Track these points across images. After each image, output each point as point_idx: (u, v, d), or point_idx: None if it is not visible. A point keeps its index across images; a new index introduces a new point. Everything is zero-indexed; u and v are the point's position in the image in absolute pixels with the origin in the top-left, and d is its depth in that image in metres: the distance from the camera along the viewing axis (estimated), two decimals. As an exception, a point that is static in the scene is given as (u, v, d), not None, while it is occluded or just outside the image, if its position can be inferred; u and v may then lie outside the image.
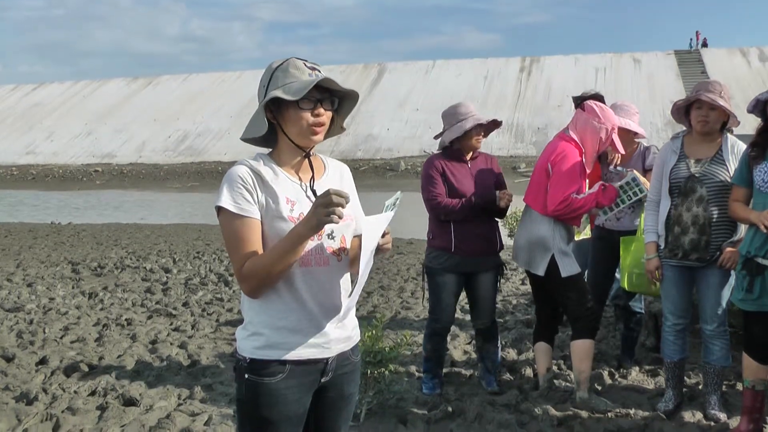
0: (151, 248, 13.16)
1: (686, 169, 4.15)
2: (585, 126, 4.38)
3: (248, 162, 2.27)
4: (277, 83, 2.23)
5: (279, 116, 2.26)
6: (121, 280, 9.62)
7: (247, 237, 2.19)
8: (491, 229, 4.67)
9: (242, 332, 2.31)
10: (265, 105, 2.23)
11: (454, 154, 4.69)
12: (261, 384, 2.23)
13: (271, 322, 2.24)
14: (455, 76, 55.81)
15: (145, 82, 66.04)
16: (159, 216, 21.80)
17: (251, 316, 2.28)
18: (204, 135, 53.47)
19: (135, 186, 39.70)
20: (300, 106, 2.21)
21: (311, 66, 2.26)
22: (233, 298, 8.27)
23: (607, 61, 54.68)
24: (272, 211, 2.21)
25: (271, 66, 2.29)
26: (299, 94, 2.17)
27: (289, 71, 2.24)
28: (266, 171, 2.25)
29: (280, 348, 2.24)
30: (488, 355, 4.86)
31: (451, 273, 4.67)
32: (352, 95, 2.35)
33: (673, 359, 4.37)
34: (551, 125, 46.68)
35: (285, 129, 2.27)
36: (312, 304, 2.23)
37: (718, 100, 4.04)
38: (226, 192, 2.21)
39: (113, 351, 5.93)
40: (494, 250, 4.70)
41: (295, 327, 2.24)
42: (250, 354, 2.25)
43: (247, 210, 2.19)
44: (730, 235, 4.10)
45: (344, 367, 2.38)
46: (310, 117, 2.23)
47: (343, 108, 2.38)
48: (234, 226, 2.19)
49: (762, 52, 51.97)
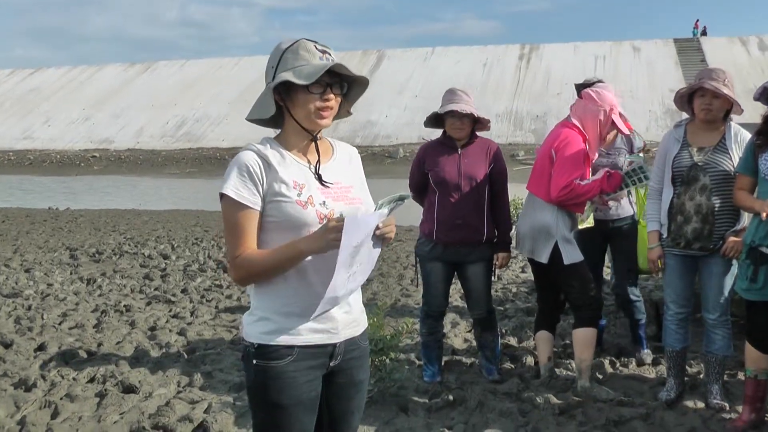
0: (150, 234, 13.11)
1: (689, 157, 4.11)
2: (584, 111, 4.41)
3: (255, 147, 2.25)
4: (287, 65, 2.19)
5: (287, 99, 2.23)
6: (119, 267, 9.59)
7: (246, 227, 2.19)
8: (476, 218, 4.54)
9: (249, 317, 2.30)
10: (274, 87, 2.19)
11: (445, 141, 4.66)
12: (269, 368, 2.22)
13: (279, 307, 2.23)
14: (454, 63, 55.56)
15: (143, 67, 65.70)
16: (157, 202, 21.75)
17: (258, 301, 2.27)
18: (202, 121, 53.27)
19: (133, 172, 39.60)
20: (310, 90, 2.18)
21: (322, 49, 2.23)
22: (232, 285, 8.24)
23: (607, 49, 54.44)
24: (279, 195, 2.19)
25: (280, 47, 2.25)
26: (310, 79, 2.14)
27: (299, 53, 2.20)
28: (273, 155, 2.23)
29: (287, 333, 2.22)
30: (487, 344, 4.83)
31: (437, 261, 4.64)
32: (362, 81, 2.32)
33: (675, 348, 4.35)
34: (550, 113, 46.54)
35: (293, 112, 2.24)
36: (320, 289, 2.20)
37: (722, 88, 4.00)
38: (232, 179, 2.19)
39: (112, 338, 5.91)
40: (479, 239, 4.57)
41: (303, 312, 2.22)
42: (257, 339, 2.24)
43: (249, 200, 2.18)
44: (733, 224, 4.08)
45: (352, 352, 2.37)
46: (318, 101, 2.20)
47: (352, 93, 2.35)
48: (235, 214, 2.19)
49: (761, 41, 51.76)
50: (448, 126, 4.59)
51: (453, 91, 4.62)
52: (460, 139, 4.59)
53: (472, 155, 4.58)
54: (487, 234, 4.58)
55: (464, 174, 4.52)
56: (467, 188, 4.51)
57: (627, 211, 4.98)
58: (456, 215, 4.50)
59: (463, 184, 4.51)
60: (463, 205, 4.51)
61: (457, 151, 4.59)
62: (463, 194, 4.51)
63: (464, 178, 4.51)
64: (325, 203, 2.23)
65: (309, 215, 2.19)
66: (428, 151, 4.70)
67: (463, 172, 4.52)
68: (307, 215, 2.19)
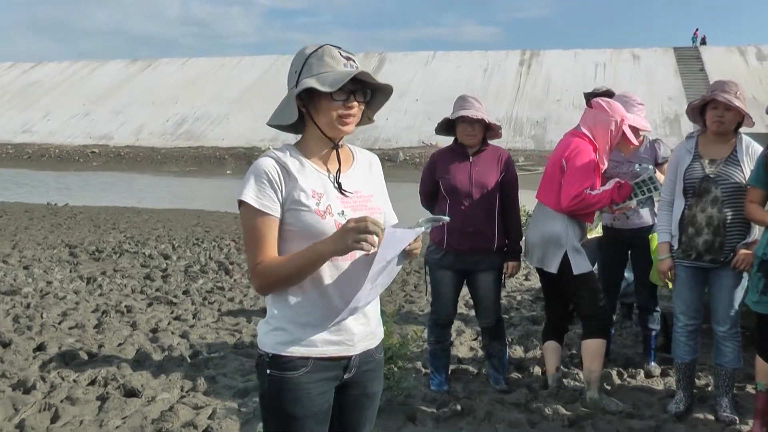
0: (150, 233, 13.04)
1: (701, 169, 4.08)
2: (594, 121, 4.38)
3: (275, 154, 2.21)
4: (311, 71, 2.16)
5: (310, 105, 2.19)
6: (119, 266, 9.51)
7: (266, 234, 2.15)
8: (488, 227, 4.50)
9: (264, 326, 2.27)
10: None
11: (456, 148, 4.62)
12: (284, 379, 2.19)
13: (295, 317, 2.20)
14: (455, 68, 55.58)
15: (144, 64, 65.64)
16: (156, 200, 21.66)
17: (274, 311, 2.23)
18: (202, 119, 53.22)
19: (132, 169, 39.51)
20: (333, 98, 2.14)
21: (346, 56, 2.19)
22: (234, 287, 8.19)
23: (607, 57, 54.52)
24: (298, 203, 2.15)
25: (304, 52, 2.21)
26: (335, 86, 2.10)
27: (324, 60, 2.16)
28: (293, 163, 2.19)
29: (303, 344, 2.19)
30: (495, 354, 4.79)
31: (447, 269, 4.60)
32: (386, 89, 2.29)
33: (684, 360, 4.32)
34: (550, 119, 46.61)
35: (315, 118, 2.20)
36: (338, 300, 2.17)
37: (734, 100, 3.99)
38: (250, 186, 2.16)
39: (113, 339, 5.84)
40: (490, 248, 4.53)
41: (320, 323, 2.19)
42: (273, 349, 2.21)
43: (269, 207, 2.14)
44: (744, 237, 4.05)
45: (368, 364, 2.34)
46: (341, 108, 2.16)
47: (375, 101, 2.31)
48: (254, 221, 2.15)
49: (760, 50, 51.87)
50: (460, 132, 4.55)
51: (464, 98, 4.59)
52: (471, 146, 4.55)
53: (483, 163, 4.54)
54: (497, 242, 4.54)
55: (475, 182, 4.48)
56: (478, 196, 4.47)
57: (647, 220, 4.93)
58: (467, 223, 4.45)
59: (475, 192, 4.47)
60: (474, 213, 4.46)
61: (469, 158, 4.55)
62: (474, 202, 4.47)
63: (475, 186, 4.47)
64: (343, 213, 2.19)
65: (327, 225, 2.15)
66: (439, 159, 4.66)
67: (475, 180, 4.48)
68: (326, 225, 2.15)
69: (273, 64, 60.52)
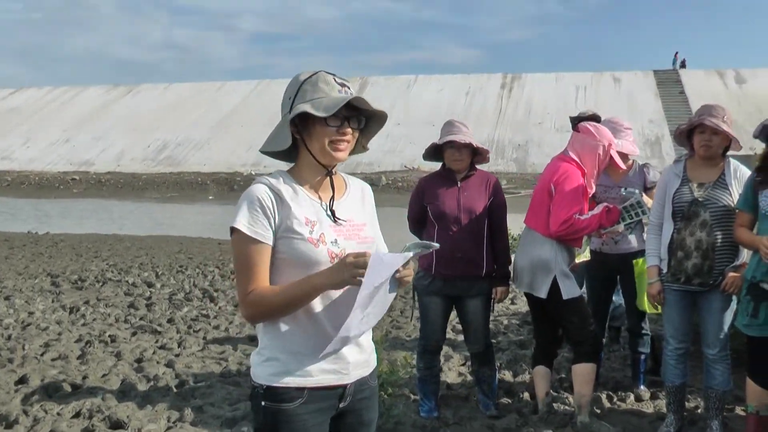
0: (133, 261, 12.92)
1: (689, 193, 4.11)
2: (582, 146, 4.39)
3: (268, 180, 2.19)
4: (305, 97, 2.16)
5: (303, 131, 2.18)
6: (102, 294, 9.40)
7: (258, 262, 2.13)
8: (476, 252, 4.50)
9: (257, 357, 2.24)
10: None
11: (444, 173, 4.62)
12: (280, 411, 2.16)
13: (288, 347, 2.17)
14: (437, 92, 55.96)
15: (125, 89, 65.54)
16: (138, 227, 21.50)
17: (267, 341, 2.21)
18: (184, 145, 53.12)
19: (113, 195, 39.27)
20: (327, 123, 2.13)
21: (341, 82, 2.19)
22: (219, 315, 8.12)
23: (588, 80, 55.13)
24: (291, 231, 2.13)
25: (298, 78, 2.21)
26: (329, 111, 2.10)
27: (318, 85, 2.16)
28: (286, 189, 2.18)
29: (297, 374, 2.17)
30: (485, 379, 4.77)
31: (436, 295, 4.59)
32: (381, 116, 2.28)
33: (674, 383, 4.32)
34: (532, 142, 46.97)
35: (308, 144, 2.19)
36: (330, 329, 2.15)
37: (721, 124, 4.02)
38: (243, 213, 2.14)
39: (97, 370, 5.75)
40: (479, 273, 4.53)
41: (313, 352, 2.17)
42: (267, 381, 2.18)
43: (262, 235, 2.12)
44: (732, 260, 4.07)
45: (362, 392, 2.32)
46: (335, 135, 2.15)
47: (370, 128, 2.31)
48: (246, 249, 2.13)
49: (739, 74, 52.68)
50: (448, 158, 4.55)
51: (451, 123, 4.61)
52: (459, 171, 4.56)
53: (471, 188, 4.55)
54: (486, 268, 4.53)
55: (464, 207, 4.48)
56: (467, 221, 4.47)
57: (636, 245, 4.93)
58: (456, 249, 4.44)
59: (463, 217, 4.47)
60: (462, 239, 4.46)
61: (457, 184, 4.55)
62: (462, 228, 4.47)
63: (464, 212, 4.47)
64: (336, 242, 2.18)
65: (321, 254, 2.14)
66: (427, 184, 4.66)
67: (463, 205, 4.48)
68: (319, 254, 2.14)
69: (255, 89, 60.69)
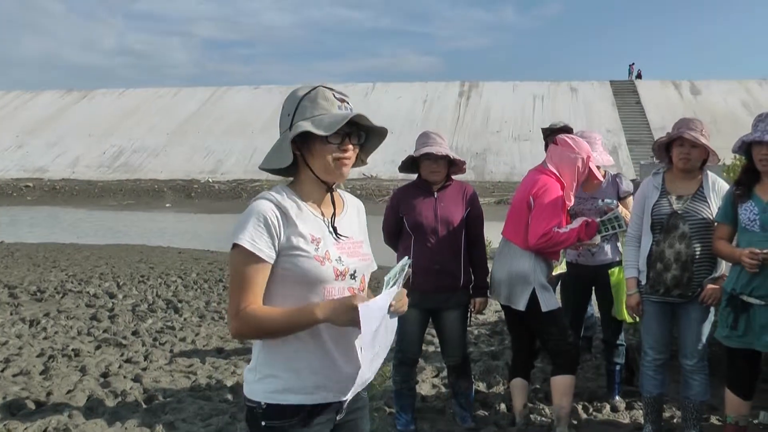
0: (93, 271, 12.60)
1: (668, 205, 4.14)
2: (561, 159, 4.38)
3: (273, 196, 2.14)
4: (305, 114, 2.11)
5: (304, 148, 2.14)
6: (63, 306, 9.13)
7: (256, 280, 2.09)
8: (454, 264, 4.47)
9: (252, 374, 2.19)
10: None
11: (420, 184, 4.58)
12: (282, 429, 2.12)
13: (289, 364, 2.13)
14: (395, 99, 55.93)
15: (80, 95, 64.25)
16: (96, 236, 21.02)
17: (264, 358, 2.16)
18: (140, 152, 52.27)
19: (68, 203, 38.44)
20: (328, 141, 2.09)
21: (340, 97, 2.15)
22: (185, 327, 7.95)
23: (545, 89, 55.66)
24: (297, 249, 2.09)
25: (297, 94, 2.16)
26: (331, 130, 2.06)
27: (317, 102, 2.12)
28: (291, 206, 2.13)
29: (298, 392, 2.13)
30: (462, 392, 4.73)
31: (413, 308, 4.53)
32: (381, 131, 2.24)
33: (652, 394, 4.34)
34: (489, 150, 47.28)
35: (309, 162, 2.15)
36: (331, 344, 2.13)
37: (700, 138, 4.06)
38: (248, 229, 2.08)
39: (62, 385, 5.57)
40: (457, 285, 4.49)
41: (315, 368, 2.13)
42: (265, 399, 2.13)
43: (264, 253, 2.07)
44: (711, 272, 4.11)
45: (356, 403, 2.31)
46: (336, 151, 2.11)
47: (370, 143, 2.26)
48: (246, 266, 2.08)
49: (693, 85, 53.75)
50: (424, 169, 4.51)
51: (427, 135, 4.57)
52: (435, 183, 4.52)
53: (448, 199, 4.51)
54: (464, 279, 4.50)
55: (441, 218, 4.44)
56: (444, 233, 4.43)
57: (611, 256, 4.97)
58: (434, 261, 4.40)
59: (440, 228, 4.43)
60: (440, 250, 4.42)
61: (434, 195, 4.50)
62: (440, 239, 4.43)
63: (441, 223, 4.43)
64: (341, 259, 2.15)
65: (326, 271, 2.11)
66: (403, 195, 4.60)
67: (440, 216, 4.44)
68: (325, 271, 2.11)
69: (212, 96, 60.07)
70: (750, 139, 3.80)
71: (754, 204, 3.78)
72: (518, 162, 45.06)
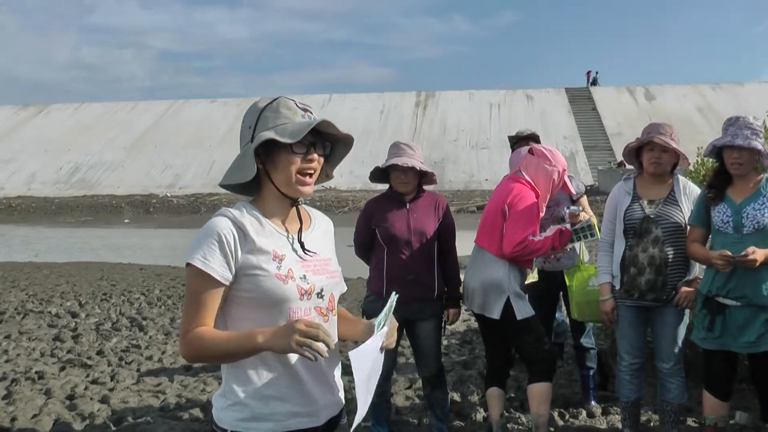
0: (54, 290, 12.26)
1: (640, 210, 4.17)
2: (537, 169, 4.37)
3: (231, 214, 2.05)
4: (267, 124, 2.04)
5: (267, 161, 2.06)
6: (25, 327, 8.85)
7: (207, 302, 1.99)
8: (428, 274, 4.45)
9: (221, 400, 2.10)
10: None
11: (392, 195, 4.55)
12: None
13: (257, 390, 2.03)
14: (352, 110, 55.88)
15: (36, 110, 63.01)
16: (55, 253, 20.54)
17: (233, 383, 2.06)
18: (97, 167, 51.43)
19: (25, 220, 37.55)
20: (293, 150, 2.02)
21: (303, 107, 2.08)
22: (151, 345, 7.78)
23: (501, 97, 56.15)
24: (256, 268, 2.01)
25: (257, 105, 2.09)
26: (296, 137, 1.99)
27: (280, 111, 2.05)
28: (251, 223, 2.05)
29: (267, 419, 2.04)
30: (437, 403, 4.68)
31: None
32: (347, 140, 2.18)
33: (629, 398, 4.35)
34: (448, 159, 47.49)
35: (272, 176, 2.07)
36: (299, 368, 2.05)
37: (670, 142, 4.11)
38: (201, 249, 1.99)
39: (27, 410, 5.39)
40: (431, 296, 4.47)
41: (284, 395, 2.04)
42: (233, 427, 2.04)
43: (218, 273, 1.98)
44: (685, 275, 4.14)
45: (334, 428, 2.21)
46: (300, 163, 2.04)
47: (335, 154, 2.20)
48: (198, 286, 1.99)
49: (648, 91, 54.73)
50: (394, 180, 4.49)
51: (397, 145, 4.53)
52: (406, 194, 4.49)
53: (420, 210, 4.48)
54: (438, 290, 4.48)
55: (414, 230, 4.41)
56: (417, 244, 4.40)
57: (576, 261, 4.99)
58: (407, 272, 4.37)
59: (414, 239, 4.40)
60: (414, 262, 4.39)
61: (406, 206, 4.47)
62: (413, 250, 4.40)
63: (414, 234, 4.40)
64: (305, 277, 2.07)
65: (290, 290, 2.03)
66: (375, 207, 4.56)
67: (413, 227, 4.41)
68: (288, 290, 2.02)
69: (168, 109, 59.44)
70: (721, 143, 3.84)
71: (727, 206, 3.82)
72: (476, 170, 45.39)
